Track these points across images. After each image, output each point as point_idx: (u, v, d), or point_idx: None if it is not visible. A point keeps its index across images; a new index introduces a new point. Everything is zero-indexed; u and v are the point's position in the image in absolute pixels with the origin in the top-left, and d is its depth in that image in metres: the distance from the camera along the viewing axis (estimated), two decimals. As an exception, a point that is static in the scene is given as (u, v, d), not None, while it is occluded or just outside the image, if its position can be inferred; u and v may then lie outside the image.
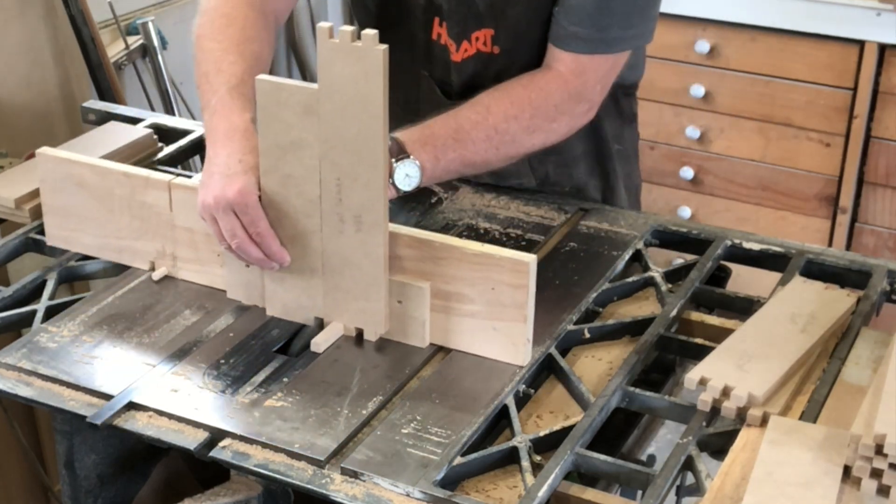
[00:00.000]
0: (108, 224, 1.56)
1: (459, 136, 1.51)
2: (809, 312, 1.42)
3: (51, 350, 1.39)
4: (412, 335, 1.40)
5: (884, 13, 2.73)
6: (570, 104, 1.59)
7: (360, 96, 1.30)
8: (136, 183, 1.52)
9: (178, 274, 1.54)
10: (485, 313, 1.36)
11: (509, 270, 1.33)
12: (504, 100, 1.56)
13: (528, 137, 1.57)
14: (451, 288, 1.37)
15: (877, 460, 1.13)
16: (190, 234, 1.50)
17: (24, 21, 2.36)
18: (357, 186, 1.34)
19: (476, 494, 1.20)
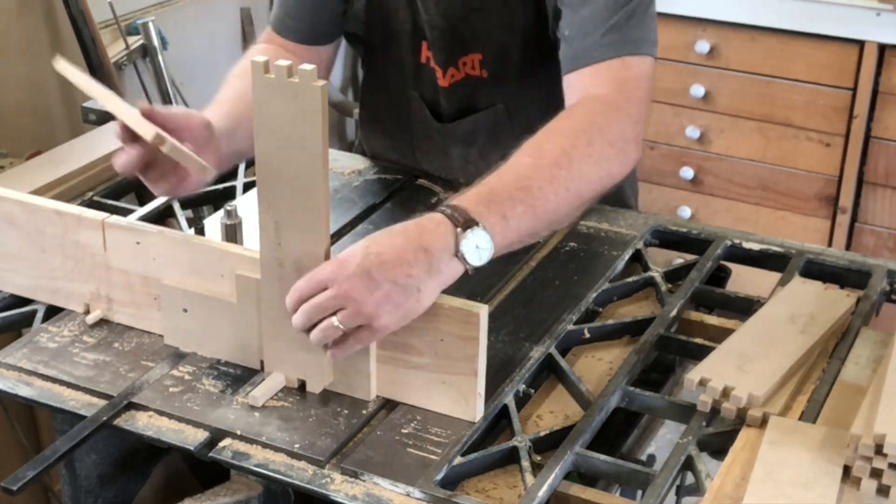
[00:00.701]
0: (40, 264, 1.48)
1: (522, 185, 1.30)
2: (809, 313, 1.42)
3: (51, 350, 1.39)
4: (357, 388, 1.31)
5: (883, 13, 2.73)
6: (620, 123, 1.42)
7: (297, 136, 1.21)
8: (69, 221, 1.44)
9: (114, 317, 1.46)
10: (433, 366, 1.27)
11: (458, 321, 1.24)
12: (552, 136, 1.38)
13: (594, 168, 1.37)
14: (399, 338, 1.27)
15: (876, 460, 1.13)
16: (125, 275, 1.43)
17: (25, 21, 2.36)
18: (297, 231, 1.26)
19: (476, 494, 1.20)
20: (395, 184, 1.82)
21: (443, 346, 1.26)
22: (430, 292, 1.22)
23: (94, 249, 1.43)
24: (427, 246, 1.21)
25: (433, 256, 1.21)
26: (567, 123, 1.40)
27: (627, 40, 1.47)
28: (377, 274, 1.19)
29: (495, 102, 1.69)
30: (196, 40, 3.03)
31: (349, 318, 1.20)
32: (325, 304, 1.20)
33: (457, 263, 1.23)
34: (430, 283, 1.21)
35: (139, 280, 1.42)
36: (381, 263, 1.19)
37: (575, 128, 1.39)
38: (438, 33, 1.65)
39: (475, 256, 1.23)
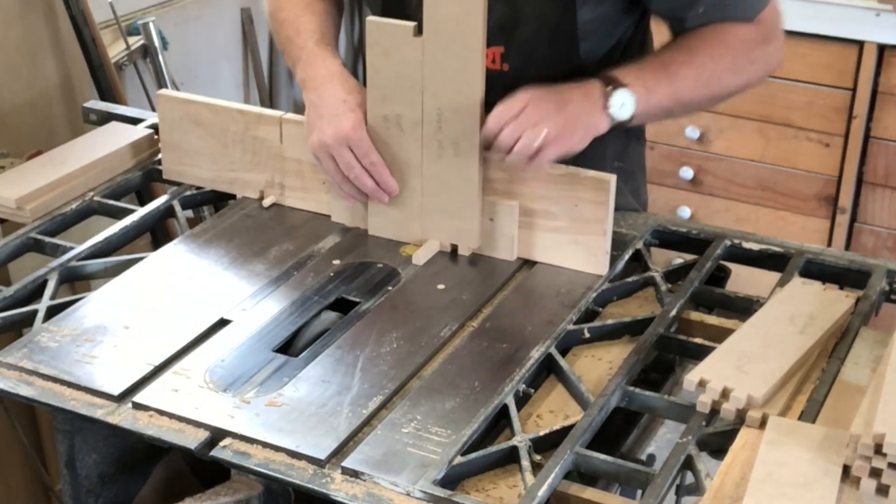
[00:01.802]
0: (221, 158, 1.73)
1: (669, 72, 1.54)
2: (808, 313, 1.42)
3: (52, 350, 1.39)
4: (502, 249, 1.57)
5: (883, 14, 2.74)
6: (763, 46, 1.62)
7: (460, 34, 1.45)
8: (249, 119, 1.69)
9: (286, 202, 1.71)
10: (568, 228, 1.53)
11: (591, 188, 1.49)
12: (704, 44, 1.57)
13: (733, 77, 1.59)
14: (538, 206, 1.53)
15: (876, 459, 1.13)
16: (298, 164, 1.67)
17: (26, 22, 2.36)
18: (456, 116, 1.50)
19: (476, 494, 1.20)
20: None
21: (577, 211, 1.51)
22: (588, 132, 1.49)
23: (271, 143, 1.68)
24: (587, 93, 1.49)
25: (591, 102, 1.49)
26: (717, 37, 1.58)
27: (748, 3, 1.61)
28: (559, 103, 1.47)
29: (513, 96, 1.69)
30: (196, 40, 3.03)
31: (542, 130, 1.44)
32: (524, 121, 1.45)
33: (605, 116, 1.49)
34: (590, 121, 1.49)
35: (309, 168, 1.66)
36: (561, 97, 1.48)
37: (723, 42, 1.58)
38: None
39: (620, 111, 1.49)
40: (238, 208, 1.72)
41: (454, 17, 1.45)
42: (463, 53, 1.46)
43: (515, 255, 1.58)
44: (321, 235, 1.65)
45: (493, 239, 1.58)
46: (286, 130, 1.67)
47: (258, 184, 1.72)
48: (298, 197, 1.70)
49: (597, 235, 1.52)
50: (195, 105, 1.73)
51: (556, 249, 1.55)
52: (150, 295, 1.52)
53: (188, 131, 1.73)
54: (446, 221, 1.58)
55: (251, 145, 1.70)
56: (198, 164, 1.75)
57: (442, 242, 1.60)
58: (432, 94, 1.51)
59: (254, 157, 1.71)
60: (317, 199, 1.69)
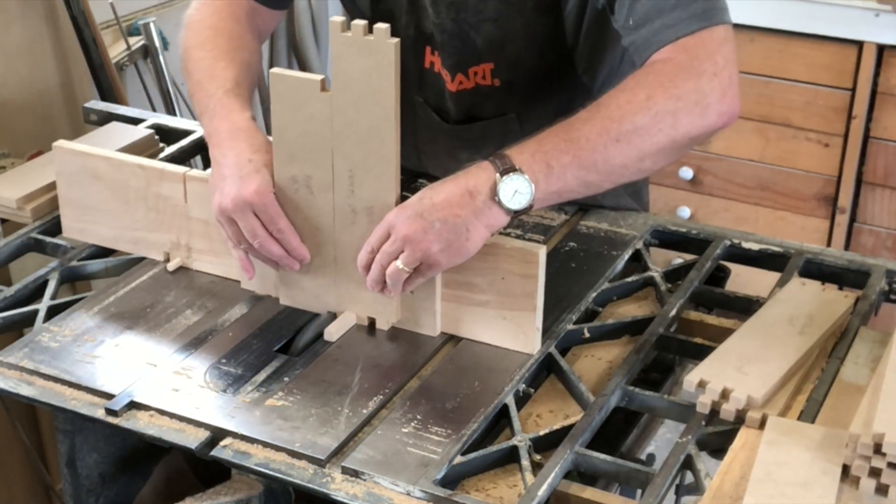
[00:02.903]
0: (123, 216, 1.58)
1: (571, 136, 1.34)
2: (807, 314, 1.42)
3: (52, 349, 1.40)
4: (423, 324, 1.43)
5: (882, 14, 2.74)
6: (689, 78, 1.38)
7: (372, 89, 1.32)
8: (152, 175, 1.54)
9: (193, 265, 1.57)
10: (495, 303, 1.38)
11: (519, 260, 1.35)
12: (614, 92, 1.38)
13: (652, 120, 1.35)
14: (462, 277, 1.39)
15: (875, 459, 1.13)
16: (205, 225, 1.53)
17: (26, 22, 2.37)
18: (369, 179, 1.37)
19: (476, 493, 1.21)
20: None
21: (504, 284, 1.37)
22: (478, 233, 1.32)
23: (176, 201, 1.54)
24: (472, 189, 1.31)
25: (477, 199, 1.31)
26: (628, 81, 1.40)
27: (695, 15, 1.43)
28: (429, 215, 1.30)
29: (506, 111, 1.67)
30: (196, 41, 3.02)
31: (409, 258, 1.31)
32: (389, 250, 1.32)
33: (497, 208, 1.31)
34: (477, 223, 1.31)
35: (217, 229, 1.48)
36: (433, 206, 1.31)
37: (635, 84, 1.39)
38: (448, 38, 1.63)
39: (513, 201, 1.30)
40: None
41: (364, 72, 1.31)
42: (375, 111, 1.33)
43: (439, 330, 1.43)
44: (229, 304, 1.49)
45: (415, 313, 1.42)
46: (191, 188, 1.51)
47: (163, 245, 1.57)
48: (206, 260, 1.55)
49: (526, 311, 1.37)
50: (93, 158, 1.57)
51: (482, 325, 1.40)
52: (150, 295, 1.52)
53: (87, 186, 1.59)
54: (362, 293, 1.41)
55: (154, 203, 1.55)
56: (99, 222, 1.60)
57: (358, 315, 1.45)
58: (343, 154, 1.37)
59: (158, 216, 1.55)
60: (226, 263, 1.53)
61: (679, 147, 1.41)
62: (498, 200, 1.31)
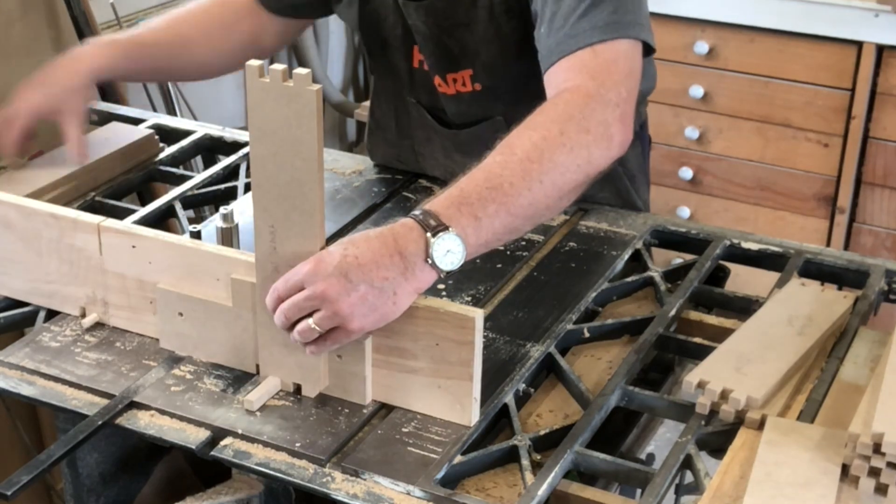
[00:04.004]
0: (36, 268, 1.47)
1: (493, 184, 1.28)
2: (806, 315, 1.43)
3: (53, 349, 1.40)
4: (353, 392, 1.31)
5: (882, 14, 2.74)
6: (596, 109, 1.37)
7: (292, 140, 1.21)
8: (65, 225, 1.43)
9: (110, 321, 1.46)
10: (429, 370, 1.27)
11: (454, 326, 1.23)
12: (523, 131, 1.35)
13: (569, 156, 1.33)
14: (394, 343, 1.27)
15: (875, 459, 1.14)
16: (121, 279, 1.42)
17: (27, 22, 2.37)
18: (291, 235, 1.25)
19: (476, 493, 1.21)
20: (395, 183, 1.82)
21: (438, 351, 1.25)
22: (405, 296, 1.22)
23: (90, 253, 1.43)
24: (401, 250, 1.21)
25: (407, 261, 1.21)
26: (537, 118, 1.37)
27: (596, 26, 1.42)
28: (353, 276, 1.19)
29: (493, 115, 1.67)
30: (197, 41, 3.02)
31: (325, 319, 1.20)
32: (302, 305, 1.21)
33: (429, 269, 1.23)
34: (406, 286, 1.22)
35: (135, 283, 1.41)
36: (359, 266, 1.20)
37: (545, 120, 1.36)
38: (423, 39, 1.63)
39: (446, 261, 1.22)
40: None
41: (284, 121, 1.20)
42: (295, 162, 1.21)
43: (369, 398, 1.31)
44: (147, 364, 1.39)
45: (343, 379, 1.30)
46: (105, 240, 1.40)
47: (79, 299, 1.46)
48: (124, 317, 1.44)
49: (462, 380, 1.25)
50: (3, 206, 1.46)
51: (417, 393, 1.29)
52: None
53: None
54: (287, 357, 1.30)
55: (68, 255, 1.44)
56: (10, 274, 1.50)
57: (283, 381, 1.33)
58: (263, 208, 1.25)
59: (71, 269, 1.44)
60: (144, 320, 1.43)
61: (588, 181, 1.38)
62: (431, 263, 1.22)
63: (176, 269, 1.38)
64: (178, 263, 1.37)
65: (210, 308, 1.35)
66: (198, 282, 1.36)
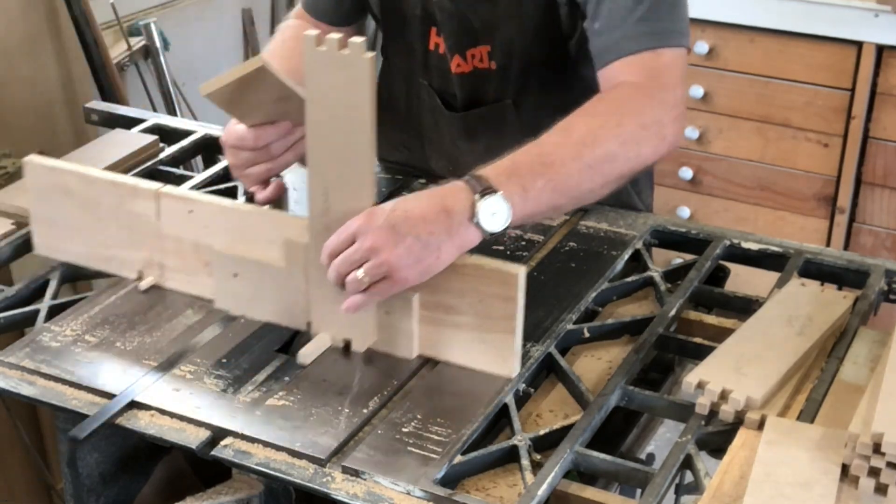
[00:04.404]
0: (95, 233, 1.53)
1: (545, 160, 1.35)
2: (806, 315, 1.43)
3: (53, 349, 1.40)
4: (400, 347, 1.38)
5: (882, 14, 2.74)
6: (654, 108, 1.44)
7: (346, 105, 1.27)
8: (124, 192, 1.50)
9: (166, 283, 1.52)
10: (473, 325, 1.34)
11: (498, 282, 1.30)
12: (583, 116, 1.41)
13: (623, 149, 1.40)
14: (440, 299, 1.34)
15: (874, 459, 1.14)
16: (178, 243, 1.48)
17: (28, 22, 2.37)
18: (344, 197, 1.32)
19: (476, 493, 1.21)
20: (395, 183, 1.82)
21: (482, 306, 1.32)
22: (449, 252, 1.30)
23: (148, 218, 1.50)
24: (448, 208, 1.29)
25: (453, 219, 1.29)
26: (598, 106, 1.43)
27: (656, 32, 1.47)
28: (401, 228, 1.27)
29: (503, 97, 1.68)
30: (197, 41, 3.04)
31: (373, 269, 1.27)
32: (353, 258, 1.28)
33: (474, 229, 1.30)
34: (450, 243, 1.29)
35: (191, 247, 1.48)
36: (406, 219, 1.28)
37: (606, 110, 1.42)
38: (447, 17, 1.64)
39: (490, 223, 1.30)
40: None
41: (338, 87, 1.27)
42: (349, 126, 1.28)
43: (416, 352, 1.38)
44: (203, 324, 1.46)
45: (391, 334, 1.37)
46: (164, 205, 1.48)
47: (135, 263, 1.53)
48: (179, 279, 1.51)
49: (505, 333, 1.32)
50: (65, 174, 1.53)
51: (461, 347, 1.35)
52: (150, 294, 1.52)
53: (59, 203, 1.54)
54: (338, 314, 1.34)
55: (126, 221, 1.51)
56: (71, 239, 1.56)
57: (333, 337, 1.39)
58: (318, 171, 1.33)
59: (130, 234, 1.51)
60: (199, 282, 1.49)
61: (634, 174, 1.45)
62: (476, 222, 1.29)
63: (231, 232, 1.44)
64: (233, 227, 1.44)
65: (264, 269, 1.41)
66: (252, 244, 1.42)
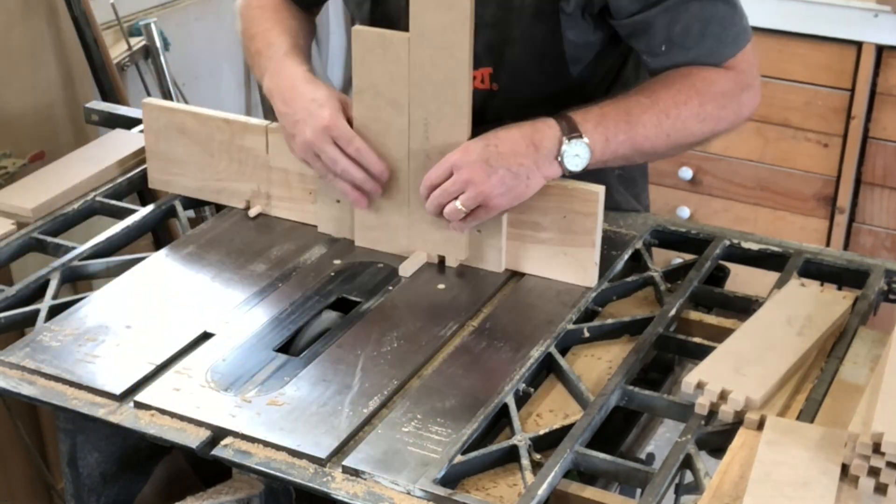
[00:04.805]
0: (207, 167, 1.71)
1: (630, 119, 1.48)
2: (806, 315, 1.43)
3: (54, 349, 1.40)
4: (489, 261, 1.55)
5: (881, 14, 2.74)
6: (736, 91, 1.55)
7: (447, 43, 1.42)
8: (235, 128, 1.67)
9: (272, 211, 1.69)
10: (556, 239, 1.51)
11: (580, 200, 1.47)
12: (672, 87, 1.52)
13: (699, 125, 1.52)
14: (526, 217, 1.51)
15: (874, 458, 1.14)
16: (284, 174, 1.65)
17: (28, 23, 2.37)
18: (443, 126, 1.48)
19: (476, 492, 1.21)
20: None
21: (565, 222, 1.49)
22: (536, 181, 1.45)
23: (258, 152, 1.66)
24: (537, 142, 1.44)
25: (540, 153, 1.43)
26: (687, 81, 1.52)
27: (729, 43, 1.54)
28: (494, 161, 1.42)
29: (503, 116, 1.67)
30: (198, 41, 3.03)
31: (469, 199, 1.42)
32: (450, 189, 1.43)
33: (557, 165, 1.44)
34: (537, 173, 1.44)
35: (296, 177, 1.65)
36: (498, 154, 1.42)
37: (691, 87, 1.52)
38: None
39: (573, 163, 1.44)
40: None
41: (440, 27, 1.42)
42: (449, 63, 1.44)
43: (503, 266, 1.56)
44: (309, 245, 1.63)
45: (481, 250, 1.55)
46: (272, 140, 1.64)
47: (244, 194, 1.71)
48: (285, 207, 1.69)
49: (586, 247, 1.50)
50: (180, 114, 1.71)
51: (545, 261, 1.53)
52: (151, 295, 1.53)
53: (174, 140, 1.72)
54: (434, 232, 1.55)
55: (237, 155, 1.68)
56: (184, 174, 1.73)
57: (429, 254, 1.57)
58: (419, 103, 1.48)
59: (240, 167, 1.69)
60: (303, 209, 1.67)
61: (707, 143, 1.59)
62: (560, 160, 1.44)
63: None
64: None
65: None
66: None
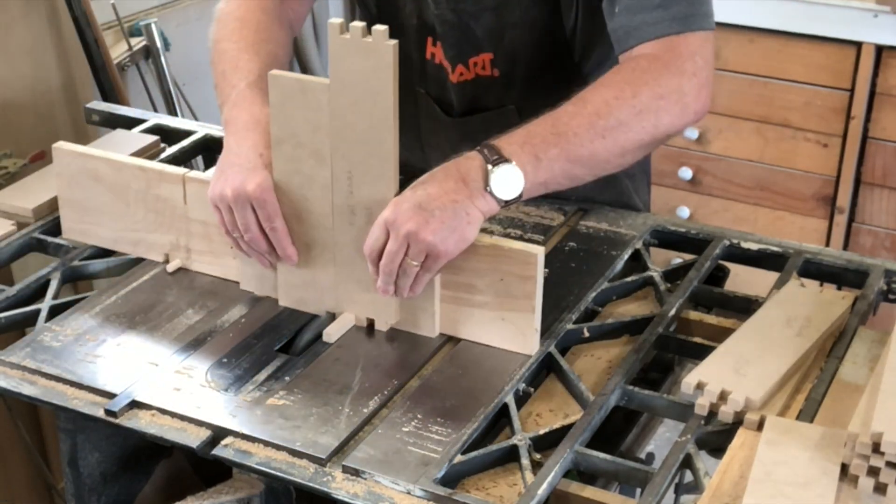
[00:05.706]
0: (123, 217, 1.60)
1: (558, 130, 1.38)
2: (805, 315, 1.43)
3: (54, 349, 1.40)
4: (422, 325, 1.44)
5: (881, 15, 2.74)
6: (672, 77, 1.44)
7: (370, 91, 1.32)
8: (151, 177, 1.55)
9: (192, 266, 1.58)
10: (493, 304, 1.39)
11: (518, 262, 1.36)
12: (599, 87, 1.43)
13: (636, 118, 1.41)
14: (461, 279, 1.39)
15: (874, 458, 1.14)
16: (204, 226, 1.54)
17: (29, 23, 2.37)
18: (368, 179, 1.37)
19: (476, 492, 1.21)
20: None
21: (502, 286, 1.38)
22: (476, 217, 1.34)
23: (175, 202, 1.55)
24: (464, 175, 1.34)
25: (469, 186, 1.34)
26: (615, 77, 1.44)
27: (677, 17, 1.47)
28: (427, 204, 1.31)
29: (506, 103, 1.68)
30: (198, 41, 3.03)
31: (417, 252, 1.32)
32: (395, 249, 1.33)
33: (490, 197, 1.34)
34: (474, 208, 1.34)
35: (216, 230, 1.49)
36: (429, 197, 1.32)
37: (620, 81, 1.43)
38: (448, 28, 1.64)
39: (504, 191, 1.34)
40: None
41: (362, 73, 1.32)
42: (373, 112, 1.33)
43: (437, 331, 1.44)
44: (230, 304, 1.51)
45: (413, 314, 1.43)
46: (190, 190, 1.53)
47: (163, 246, 1.59)
48: (206, 261, 1.57)
49: (525, 312, 1.38)
50: (94, 160, 1.59)
51: (482, 326, 1.41)
52: (151, 295, 1.53)
53: (88, 187, 1.60)
54: (361, 294, 1.43)
55: (154, 205, 1.57)
56: (99, 224, 1.62)
57: (357, 316, 1.46)
58: (342, 154, 1.37)
59: (157, 218, 1.57)
60: (225, 264, 1.55)
61: (656, 143, 1.47)
62: (489, 190, 1.34)
63: None
64: None
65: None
66: None
